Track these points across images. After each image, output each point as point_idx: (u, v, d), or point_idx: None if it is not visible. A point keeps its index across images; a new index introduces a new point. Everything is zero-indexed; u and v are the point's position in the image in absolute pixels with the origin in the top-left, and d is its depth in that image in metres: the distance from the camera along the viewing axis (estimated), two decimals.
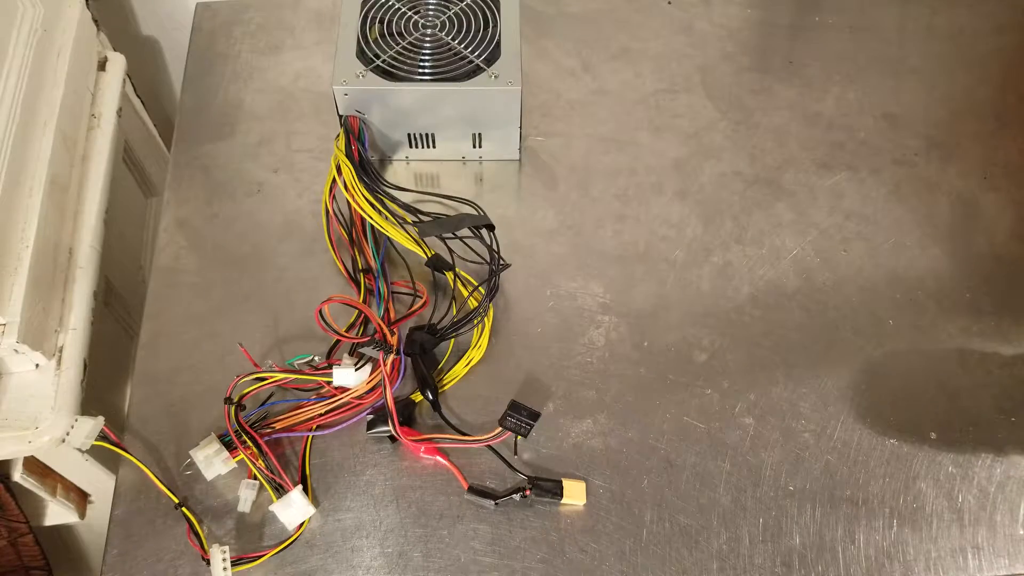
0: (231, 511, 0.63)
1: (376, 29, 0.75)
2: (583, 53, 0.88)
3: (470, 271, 0.72)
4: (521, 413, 0.63)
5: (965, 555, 0.62)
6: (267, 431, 0.64)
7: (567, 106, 0.84)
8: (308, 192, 0.78)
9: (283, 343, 0.70)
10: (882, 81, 0.87)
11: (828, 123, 0.83)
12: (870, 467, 0.65)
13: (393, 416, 0.63)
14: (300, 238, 0.75)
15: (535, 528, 0.62)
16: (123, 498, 0.63)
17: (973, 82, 0.87)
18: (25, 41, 0.71)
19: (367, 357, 0.65)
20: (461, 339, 0.70)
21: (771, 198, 0.79)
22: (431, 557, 0.61)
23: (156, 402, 0.67)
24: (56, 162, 0.70)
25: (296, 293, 0.72)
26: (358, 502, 0.63)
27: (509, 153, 0.79)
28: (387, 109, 0.74)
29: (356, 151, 0.73)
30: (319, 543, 0.62)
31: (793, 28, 0.91)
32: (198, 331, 0.70)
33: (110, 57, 0.84)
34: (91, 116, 0.80)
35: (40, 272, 0.65)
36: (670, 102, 0.85)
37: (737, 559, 0.61)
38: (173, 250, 0.75)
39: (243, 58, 0.87)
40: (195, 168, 0.80)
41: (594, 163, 0.80)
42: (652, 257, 0.75)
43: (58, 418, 0.63)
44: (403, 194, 0.73)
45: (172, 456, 0.65)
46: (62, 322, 0.68)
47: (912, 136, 0.83)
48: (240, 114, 0.83)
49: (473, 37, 0.74)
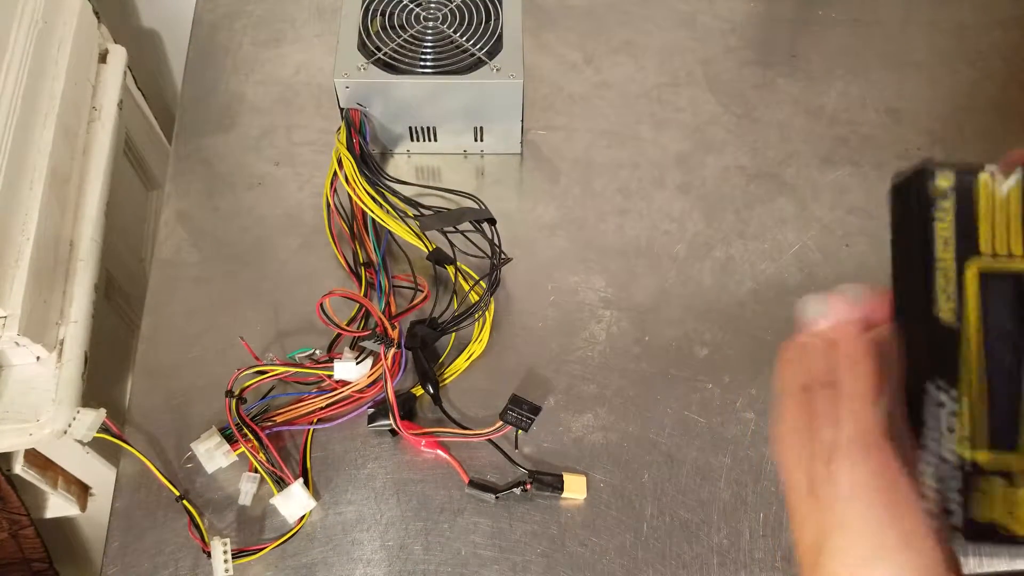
0: (232, 504, 0.63)
1: (378, 22, 0.75)
2: (585, 46, 0.88)
3: (471, 265, 0.71)
4: (522, 407, 0.63)
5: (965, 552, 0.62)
6: (268, 424, 0.64)
7: (569, 100, 0.84)
8: (309, 185, 0.78)
9: (284, 336, 0.70)
10: (885, 75, 0.86)
11: (831, 117, 0.83)
12: None
13: (394, 410, 0.63)
14: (301, 231, 0.75)
15: (536, 522, 0.62)
16: (124, 491, 0.63)
17: (977, 77, 0.87)
18: (26, 33, 0.71)
19: (368, 351, 0.65)
20: (462, 333, 0.70)
21: (773, 192, 0.78)
22: (431, 550, 0.61)
23: (157, 395, 0.67)
24: (57, 155, 0.70)
25: (297, 286, 0.72)
26: (359, 495, 0.63)
27: (511, 147, 0.79)
28: (388, 102, 0.74)
29: (357, 144, 0.73)
30: (320, 536, 0.62)
31: (796, 22, 0.91)
32: (199, 324, 0.70)
33: (111, 49, 0.84)
34: (92, 109, 0.80)
35: (41, 265, 0.65)
36: (672, 96, 0.84)
37: (737, 553, 0.62)
38: (174, 243, 0.75)
39: (244, 51, 0.87)
40: (196, 161, 0.80)
41: (596, 157, 0.80)
42: (654, 251, 0.75)
43: (59, 411, 0.63)
44: (404, 188, 0.73)
45: (173, 449, 0.65)
46: (63, 315, 0.68)
47: (915, 131, 0.82)
48: (241, 107, 0.83)
49: (475, 30, 0.74)
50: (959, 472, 0.29)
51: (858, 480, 0.31)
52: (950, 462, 0.29)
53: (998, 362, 0.29)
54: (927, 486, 0.30)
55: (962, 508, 0.29)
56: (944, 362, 0.29)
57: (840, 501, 0.31)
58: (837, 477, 0.31)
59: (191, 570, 0.60)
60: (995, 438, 0.29)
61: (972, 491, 0.29)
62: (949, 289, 0.29)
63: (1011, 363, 0.29)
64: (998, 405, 0.29)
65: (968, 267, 0.29)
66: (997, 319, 0.29)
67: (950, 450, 0.29)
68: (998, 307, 0.29)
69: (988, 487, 0.29)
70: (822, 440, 0.32)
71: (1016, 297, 0.29)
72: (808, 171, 0.80)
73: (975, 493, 0.29)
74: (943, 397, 0.29)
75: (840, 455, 0.31)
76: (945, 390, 0.29)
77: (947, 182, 0.30)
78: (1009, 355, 0.29)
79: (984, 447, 0.29)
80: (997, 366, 0.29)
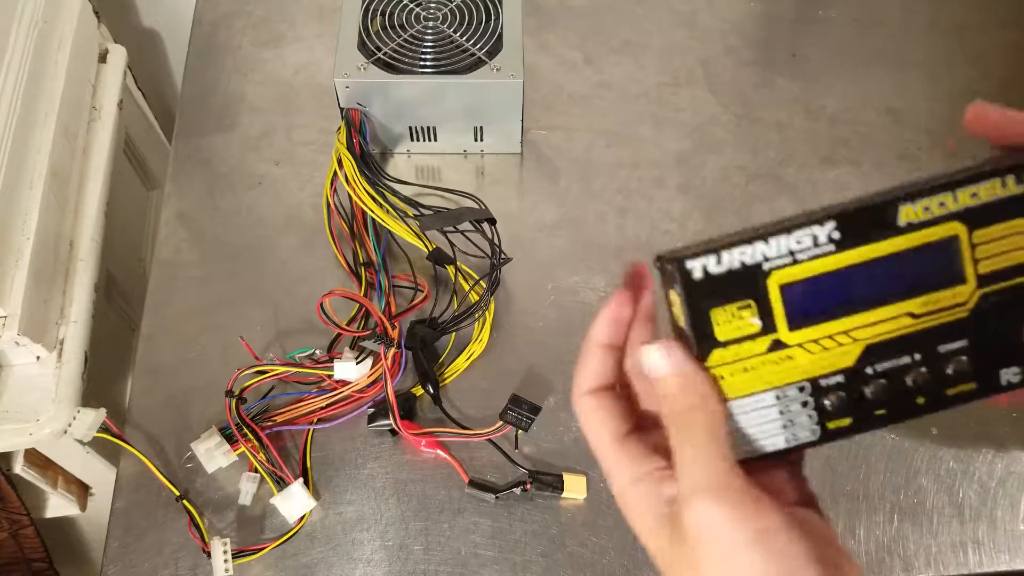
0: (232, 504, 0.63)
1: (378, 21, 0.75)
2: (585, 46, 0.88)
3: (471, 265, 0.71)
4: (522, 407, 0.63)
5: (965, 550, 0.62)
6: (268, 424, 0.64)
7: (569, 99, 0.84)
8: (309, 185, 0.78)
9: (284, 336, 0.70)
10: (885, 75, 0.86)
11: (831, 117, 0.83)
12: (871, 462, 0.65)
13: (394, 410, 0.63)
14: (301, 231, 0.75)
15: (536, 522, 0.62)
16: (124, 490, 0.63)
17: (976, 77, 0.87)
18: (26, 33, 0.71)
19: (368, 351, 0.65)
20: (462, 333, 0.70)
21: (773, 192, 0.78)
22: (431, 550, 0.61)
23: (157, 395, 0.67)
24: (57, 154, 0.70)
25: (297, 286, 0.72)
26: (359, 495, 0.63)
27: (511, 146, 0.79)
28: (388, 102, 0.74)
29: (357, 144, 0.73)
30: (320, 536, 0.62)
31: (796, 22, 0.91)
32: (199, 324, 0.70)
33: (111, 49, 0.84)
34: (92, 108, 0.80)
35: (41, 265, 0.65)
36: (672, 96, 0.84)
37: None
38: (174, 243, 0.75)
39: (244, 50, 0.87)
40: (196, 161, 0.80)
41: (596, 157, 0.80)
42: (654, 251, 0.74)
43: (59, 410, 0.63)
44: (404, 187, 0.73)
45: (173, 449, 0.65)
46: (63, 315, 0.68)
47: (915, 131, 0.82)
48: (241, 106, 0.83)
49: (475, 30, 0.74)
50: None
51: (713, 530, 0.29)
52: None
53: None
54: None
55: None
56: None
57: (702, 553, 0.29)
58: (691, 532, 0.29)
59: (191, 570, 0.60)
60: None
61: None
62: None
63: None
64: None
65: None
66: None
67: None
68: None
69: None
70: (666, 496, 0.31)
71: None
72: (808, 171, 0.80)
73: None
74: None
75: (687, 509, 0.29)
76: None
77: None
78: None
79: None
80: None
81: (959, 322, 0.32)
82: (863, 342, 0.32)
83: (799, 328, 0.31)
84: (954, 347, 0.32)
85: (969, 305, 0.31)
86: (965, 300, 0.32)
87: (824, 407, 0.32)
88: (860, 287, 0.31)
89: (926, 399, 0.32)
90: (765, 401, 0.32)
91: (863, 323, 0.31)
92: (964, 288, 0.32)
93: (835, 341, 0.32)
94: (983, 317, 0.31)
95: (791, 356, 0.32)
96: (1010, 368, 0.32)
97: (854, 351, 0.32)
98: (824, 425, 0.32)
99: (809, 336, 0.31)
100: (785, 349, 0.31)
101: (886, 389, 0.32)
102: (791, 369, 0.32)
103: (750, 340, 0.31)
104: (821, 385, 0.32)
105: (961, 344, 0.32)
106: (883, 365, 0.32)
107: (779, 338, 0.31)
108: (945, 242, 0.31)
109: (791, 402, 0.32)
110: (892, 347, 0.32)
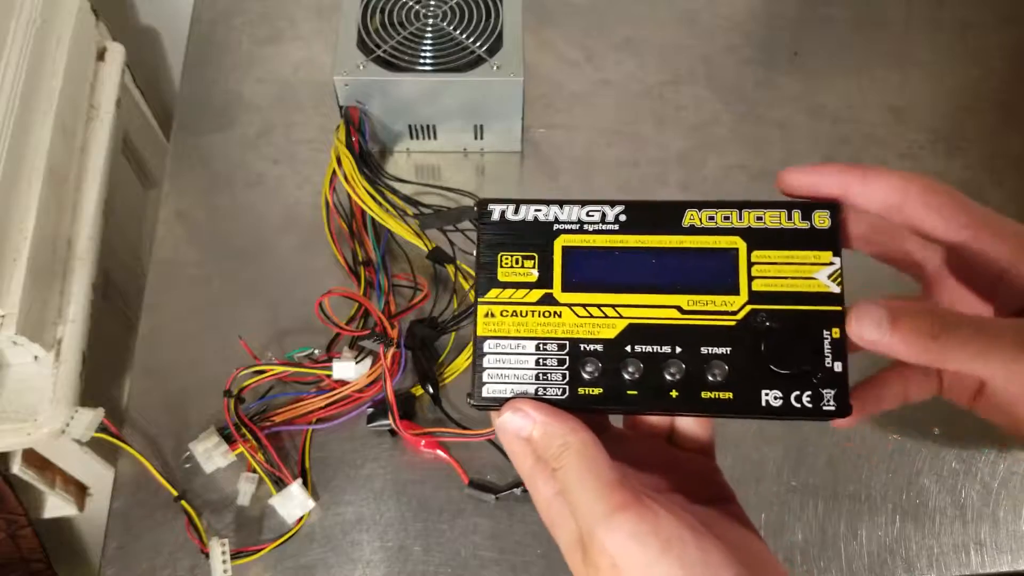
0: (230, 504, 0.62)
1: (377, 19, 0.75)
2: (586, 44, 0.87)
3: (471, 264, 0.71)
4: None
5: (968, 551, 0.62)
6: (267, 424, 0.64)
7: (569, 97, 0.84)
8: (308, 184, 0.77)
9: (283, 336, 0.69)
10: (887, 74, 0.86)
11: (833, 116, 0.83)
12: (873, 462, 0.65)
13: (393, 410, 0.62)
14: (300, 230, 0.75)
15: (536, 522, 0.62)
16: (122, 491, 0.63)
17: (979, 75, 0.86)
18: (24, 31, 0.70)
19: (367, 350, 0.64)
20: (462, 332, 0.69)
21: (775, 191, 0.78)
22: (431, 551, 0.61)
23: (155, 395, 0.67)
24: (55, 153, 0.70)
25: (296, 285, 0.72)
26: (358, 496, 0.63)
27: (511, 145, 0.79)
28: (388, 100, 0.74)
29: (356, 142, 0.72)
30: (319, 536, 0.62)
31: (798, 20, 0.90)
32: (197, 324, 0.70)
33: (109, 47, 0.84)
34: (90, 107, 0.79)
35: (39, 264, 0.65)
36: (673, 94, 0.84)
37: None
38: (172, 242, 0.75)
39: (243, 48, 0.86)
40: (194, 159, 0.79)
41: (596, 155, 0.80)
42: None
43: (57, 410, 0.63)
44: (404, 186, 0.73)
45: (171, 449, 0.65)
46: (61, 314, 0.67)
47: (917, 129, 0.82)
48: (240, 105, 0.82)
49: (475, 27, 0.74)
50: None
51: (622, 554, 0.29)
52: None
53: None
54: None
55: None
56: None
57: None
58: (602, 562, 0.29)
59: (189, 571, 0.60)
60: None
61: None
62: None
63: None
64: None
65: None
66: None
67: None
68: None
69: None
70: (569, 528, 0.31)
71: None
72: None
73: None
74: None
75: (591, 543, 0.29)
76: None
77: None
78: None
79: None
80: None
81: (726, 329, 0.33)
82: (628, 320, 0.34)
83: (572, 291, 0.34)
84: (716, 351, 0.33)
85: (738, 316, 0.33)
86: (735, 310, 0.33)
87: (579, 373, 0.33)
88: (635, 269, 0.34)
89: (679, 394, 0.33)
90: (525, 348, 0.34)
91: (631, 303, 0.34)
92: (735, 299, 0.33)
93: (602, 311, 0.34)
94: (749, 331, 0.33)
95: (559, 313, 0.34)
96: (772, 391, 0.32)
97: (618, 325, 0.34)
98: (576, 389, 0.33)
99: (579, 300, 0.34)
100: (555, 305, 0.34)
101: (642, 372, 0.33)
102: (556, 325, 0.34)
103: (525, 288, 0.34)
104: (581, 349, 0.34)
105: (724, 351, 0.33)
106: (643, 348, 0.33)
107: (552, 293, 0.34)
108: (723, 251, 0.34)
109: (549, 356, 0.34)
110: (655, 333, 0.33)
